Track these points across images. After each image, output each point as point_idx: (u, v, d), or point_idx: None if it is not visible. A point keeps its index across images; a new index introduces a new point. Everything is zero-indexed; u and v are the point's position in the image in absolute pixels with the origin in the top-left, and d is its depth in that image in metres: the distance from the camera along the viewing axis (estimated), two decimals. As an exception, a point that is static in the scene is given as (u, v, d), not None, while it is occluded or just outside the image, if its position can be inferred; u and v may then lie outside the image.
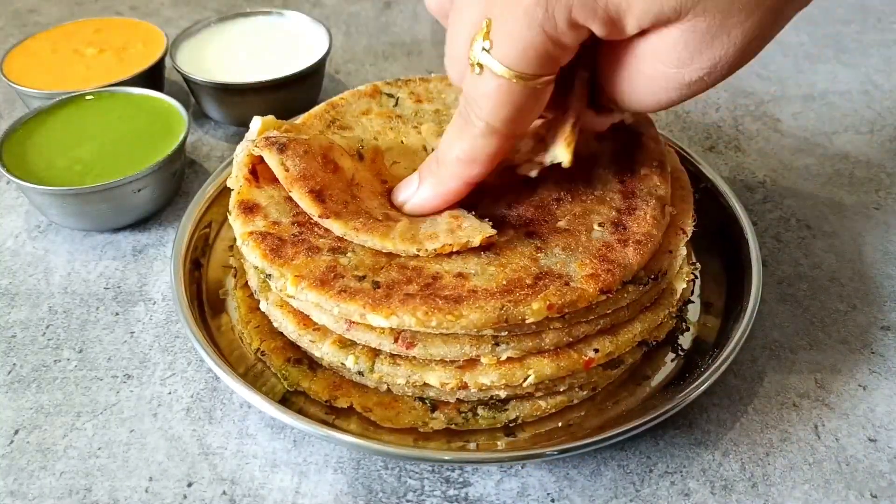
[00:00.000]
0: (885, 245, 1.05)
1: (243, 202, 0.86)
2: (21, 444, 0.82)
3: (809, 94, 1.36)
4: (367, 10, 1.64)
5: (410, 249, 0.79)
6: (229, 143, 1.24)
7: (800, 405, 0.85)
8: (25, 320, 0.96)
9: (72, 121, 1.11)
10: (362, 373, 0.80)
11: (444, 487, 0.78)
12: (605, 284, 0.76)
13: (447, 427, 0.80)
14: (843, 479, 0.79)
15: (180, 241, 0.95)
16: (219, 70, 1.23)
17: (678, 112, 1.32)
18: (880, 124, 1.28)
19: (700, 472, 0.79)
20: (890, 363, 0.90)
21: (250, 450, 0.81)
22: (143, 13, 1.61)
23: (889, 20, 1.58)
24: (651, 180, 0.87)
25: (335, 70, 1.44)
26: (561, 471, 0.79)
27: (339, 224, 0.81)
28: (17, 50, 1.27)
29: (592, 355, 0.79)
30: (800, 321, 0.95)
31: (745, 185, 1.16)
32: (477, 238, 0.78)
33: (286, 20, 1.35)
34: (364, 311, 0.74)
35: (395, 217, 0.84)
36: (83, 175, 1.02)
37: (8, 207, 1.13)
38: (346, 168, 0.88)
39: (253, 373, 0.85)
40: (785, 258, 1.03)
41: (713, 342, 0.87)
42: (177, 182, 1.12)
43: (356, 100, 1.02)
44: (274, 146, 0.85)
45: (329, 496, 0.78)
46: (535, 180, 0.88)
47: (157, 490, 0.78)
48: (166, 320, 0.96)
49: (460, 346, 0.76)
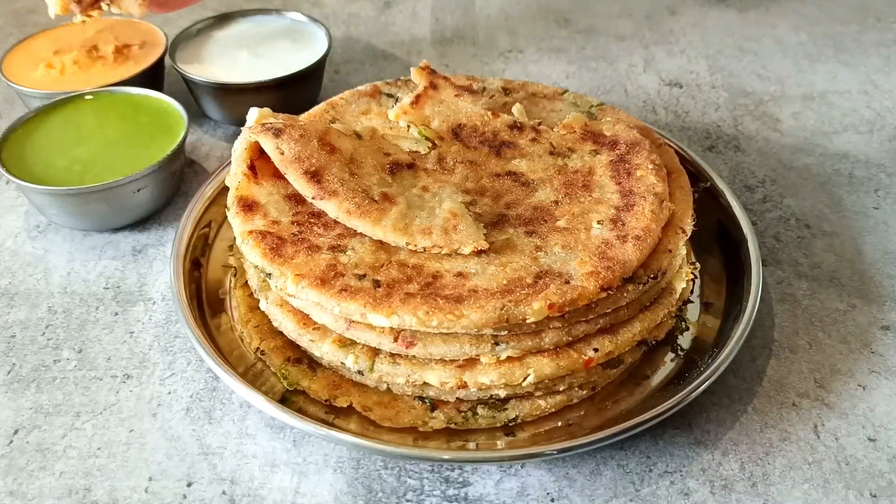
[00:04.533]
0: (885, 245, 1.05)
1: (242, 198, 0.86)
2: (20, 444, 0.82)
3: (809, 94, 1.36)
4: (367, 10, 1.64)
5: (400, 241, 0.80)
6: (229, 143, 1.24)
7: (799, 405, 0.85)
8: (25, 320, 0.96)
9: (71, 121, 1.11)
10: (362, 372, 0.80)
11: (443, 487, 0.78)
12: (606, 282, 0.76)
13: (447, 426, 0.80)
14: (843, 478, 0.79)
15: (180, 241, 0.95)
16: (218, 70, 1.23)
17: (678, 112, 1.32)
18: (880, 124, 1.28)
19: (700, 472, 0.79)
20: (890, 363, 0.90)
21: (250, 450, 0.81)
22: (142, 13, 1.61)
23: (889, 20, 1.58)
24: (648, 179, 0.87)
25: (335, 70, 1.44)
26: (560, 470, 0.79)
27: (332, 205, 0.81)
28: (17, 50, 1.27)
29: (592, 355, 0.79)
30: (800, 321, 0.95)
31: (744, 185, 1.16)
32: (467, 248, 0.79)
33: (286, 20, 1.35)
34: (365, 310, 0.74)
35: (392, 197, 0.84)
36: (83, 175, 1.02)
37: (7, 207, 1.13)
38: (343, 149, 0.88)
39: (252, 372, 0.85)
40: (785, 258, 1.03)
41: (713, 342, 0.87)
42: (176, 182, 1.12)
43: (356, 100, 1.02)
44: (269, 131, 0.86)
45: (329, 496, 0.77)
46: (533, 185, 0.89)
47: (156, 490, 0.78)
48: (166, 320, 0.96)
49: (460, 346, 0.76)
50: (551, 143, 0.95)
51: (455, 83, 1.03)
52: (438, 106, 0.99)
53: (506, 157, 0.93)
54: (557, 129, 0.97)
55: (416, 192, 0.87)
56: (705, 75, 1.41)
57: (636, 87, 1.39)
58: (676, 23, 1.58)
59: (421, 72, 1.03)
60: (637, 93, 1.37)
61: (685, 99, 1.35)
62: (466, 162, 0.92)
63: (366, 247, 0.81)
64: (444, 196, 0.86)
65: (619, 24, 1.58)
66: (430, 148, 0.94)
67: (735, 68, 1.43)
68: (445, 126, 0.97)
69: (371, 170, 0.88)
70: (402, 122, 0.97)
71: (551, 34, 1.55)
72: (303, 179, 0.84)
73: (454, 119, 0.97)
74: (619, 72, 1.43)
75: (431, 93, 1.00)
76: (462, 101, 1.00)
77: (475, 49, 1.51)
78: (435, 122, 0.97)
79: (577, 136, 0.96)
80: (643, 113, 1.32)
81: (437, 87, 1.01)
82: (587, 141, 0.95)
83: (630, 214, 0.83)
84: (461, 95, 1.00)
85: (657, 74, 1.42)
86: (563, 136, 0.96)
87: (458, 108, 0.99)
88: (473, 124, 0.97)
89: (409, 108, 0.98)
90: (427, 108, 0.98)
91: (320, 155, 0.86)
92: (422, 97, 0.99)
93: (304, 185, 0.84)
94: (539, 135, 0.96)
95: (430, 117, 0.97)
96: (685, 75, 1.42)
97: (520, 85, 1.06)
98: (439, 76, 1.03)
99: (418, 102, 0.98)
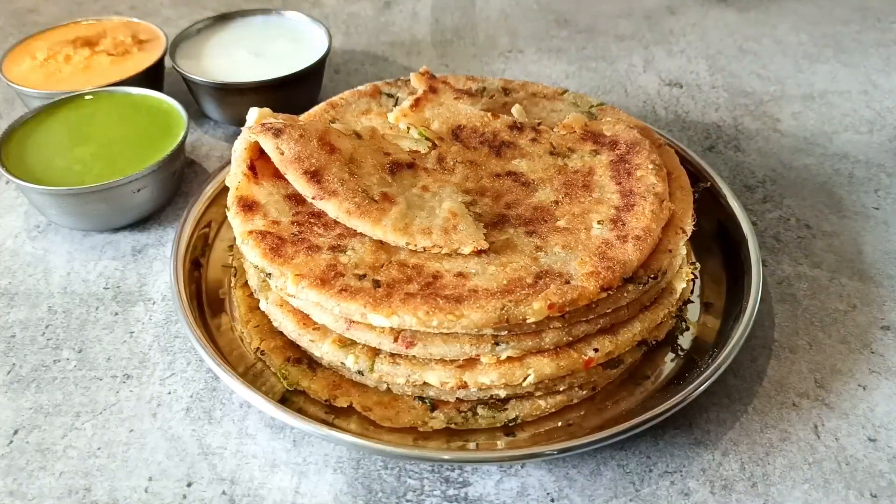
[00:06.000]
0: (885, 245, 1.05)
1: (242, 198, 0.86)
2: (20, 444, 0.82)
3: (809, 94, 1.36)
4: (367, 10, 1.64)
5: (400, 241, 0.80)
6: (229, 143, 1.24)
7: (799, 405, 0.85)
8: (25, 320, 0.96)
9: (71, 121, 1.11)
10: (362, 372, 0.80)
11: (443, 487, 0.78)
12: (606, 282, 0.76)
13: (447, 426, 0.80)
14: (843, 478, 0.79)
15: (180, 241, 0.95)
16: (218, 70, 1.23)
17: (678, 112, 1.32)
18: (880, 124, 1.28)
19: (700, 472, 0.79)
20: (890, 363, 0.90)
21: (250, 450, 0.81)
22: (142, 13, 1.61)
23: (889, 20, 1.58)
24: (648, 179, 0.87)
25: (335, 70, 1.44)
26: (560, 470, 0.79)
27: (332, 205, 0.82)
28: (17, 50, 1.27)
29: (592, 355, 0.79)
30: (800, 321, 0.95)
31: (744, 185, 1.16)
32: (467, 248, 0.79)
33: (286, 20, 1.35)
34: (365, 310, 0.74)
35: (392, 197, 0.84)
36: (82, 175, 1.02)
37: (7, 207, 1.13)
38: (343, 149, 0.88)
39: (252, 372, 0.85)
40: (785, 258, 1.03)
41: (713, 342, 0.87)
42: (176, 182, 1.12)
43: (356, 100, 1.02)
44: (269, 131, 0.86)
45: (329, 496, 0.77)
46: (533, 185, 0.89)
47: (156, 490, 0.78)
48: (166, 320, 0.96)
49: (460, 346, 0.76)
50: (551, 143, 0.95)
51: (454, 86, 1.03)
52: (438, 108, 0.99)
53: (506, 157, 0.93)
54: (557, 130, 0.97)
55: (416, 192, 0.87)
56: (705, 75, 1.42)
57: (636, 87, 1.39)
58: (676, 23, 1.58)
59: (420, 77, 1.03)
60: (637, 93, 1.37)
61: (685, 99, 1.35)
62: (466, 162, 0.92)
63: (366, 247, 0.81)
64: (444, 196, 0.86)
65: (619, 24, 1.58)
66: (430, 148, 0.94)
67: (735, 68, 1.43)
68: (445, 127, 0.97)
69: (371, 170, 0.88)
70: (402, 125, 0.97)
71: (551, 34, 1.55)
72: (303, 179, 0.84)
73: (454, 121, 0.97)
74: (619, 72, 1.43)
75: (431, 96, 1.00)
76: (462, 104, 1.00)
77: (475, 49, 1.51)
78: (435, 123, 0.97)
79: (577, 136, 0.96)
80: (643, 113, 1.32)
81: (436, 90, 1.01)
82: (587, 141, 0.95)
83: (630, 214, 0.83)
84: (461, 98, 1.00)
85: (657, 74, 1.42)
86: (563, 136, 0.96)
87: (458, 109, 0.99)
88: (473, 125, 0.97)
89: (408, 111, 0.98)
90: (427, 111, 0.98)
91: (320, 155, 0.86)
92: (421, 100, 0.99)
93: (304, 185, 0.84)
94: (539, 135, 0.96)
95: (429, 119, 0.97)
96: (685, 75, 1.42)
97: (520, 85, 1.07)
98: (439, 80, 1.03)
99: (418, 105, 0.98)
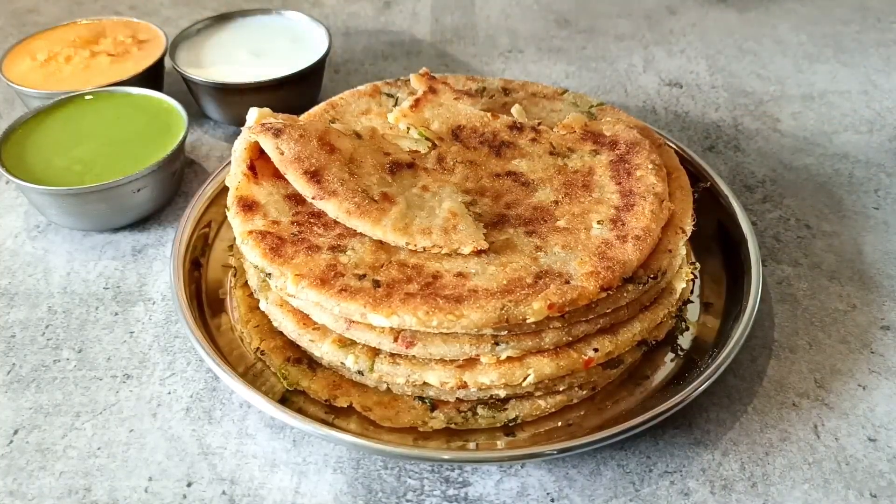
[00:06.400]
0: (885, 245, 1.05)
1: (242, 198, 0.86)
2: (20, 444, 0.82)
3: (809, 94, 1.36)
4: (367, 10, 1.64)
5: (400, 241, 0.80)
6: (229, 143, 1.24)
7: (799, 405, 0.85)
8: (25, 320, 0.96)
9: (71, 121, 1.11)
10: (362, 372, 0.80)
11: (443, 487, 0.78)
12: (606, 282, 0.76)
13: (447, 426, 0.80)
14: (843, 478, 0.79)
15: (180, 241, 0.95)
16: (218, 70, 1.23)
17: (678, 112, 1.32)
18: (880, 124, 1.28)
19: (700, 472, 0.79)
20: (890, 363, 0.90)
21: (250, 450, 0.81)
22: (142, 13, 1.61)
23: (889, 20, 1.58)
24: (648, 179, 0.87)
25: (335, 70, 1.44)
26: (560, 470, 0.79)
27: (332, 205, 0.82)
28: (16, 50, 1.27)
29: (592, 355, 0.79)
30: (800, 321, 0.95)
31: (744, 185, 1.16)
32: (467, 248, 0.79)
33: (286, 20, 1.35)
34: (365, 310, 0.74)
35: (392, 197, 0.84)
36: (82, 175, 1.02)
37: (7, 207, 1.13)
38: (343, 148, 0.88)
39: (252, 372, 0.85)
40: (784, 258, 1.03)
41: (713, 342, 0.87)
42: (176, 182, 1.12)
43: (356, 100, 1.02)
44: (269, 131, 0.86)
45: (329, 496, 0.77)
46: (533, 185, 0.89)
47: (156, 490, 0.78)
48: (166, 320, 0.96)
49: (460, 346, 0.76)
50: (551, 143, 0.95)
51: (454, 86, 1.03)
52: (438, 108, 0.99)
53: (506, 157, 0.93)
54: (557, 130, 0.97)
55: (415, 192, 0.87)
56: (705, 75, 1.41)
57: (636, 87, 1.39)
58: (676, 23, 1.58)
59: (420, 78, 1.03)
60: (637, 93, 1.37)
61: (685, 99, 1.35)
62: (466, 162, 0.92)
63: (366, 247, 0.81)
64: (443, 196, 0.86)
65: (619, 24, 1.58)
66: (429, 148, 0.94)
67: (735, 68, 1.43)
68: (445, 128, 0.97)
69: (371, 169, 0.88)
70: (402, 125, 0.97)
71: (551, 34, 1.55)
72: (303, 179, 0.84)
73: (454, 121, 0.97)
74: (619, 72, 1.43)
75: (431, 96, 1.00)
76: (461, 104, 1.00)
77: (475, 49, 1.51)
78: (435, 123, 0.97)
79: (577, 136, 0.96)
80: (643, 113, 1.32)
81: (436, 90, 1.01)
82: (587, 141, 0.95)
83: (630, 214, 0.83)
84: (461, 98, 1.00)
85: (657, 74, 1.42)
86: (563, 136, 0.96)
87: (458, 110, 0.99)
88: (473, 125, 0.97)
89: (408, 111, 0.98)
90: (426, 111, 0.98)
91: (320, 155, 0.86)
92: (421, 100, 0.99)
93: (303, 185, 0.84)
94: (539, 135, 0.96)
95: (429, 120, 0.97)
96: (685, 75, 1.42)
97: (520, 85, 1.07)
98: (438, 80, 1.03)
99: (418, 105, 0.98)
